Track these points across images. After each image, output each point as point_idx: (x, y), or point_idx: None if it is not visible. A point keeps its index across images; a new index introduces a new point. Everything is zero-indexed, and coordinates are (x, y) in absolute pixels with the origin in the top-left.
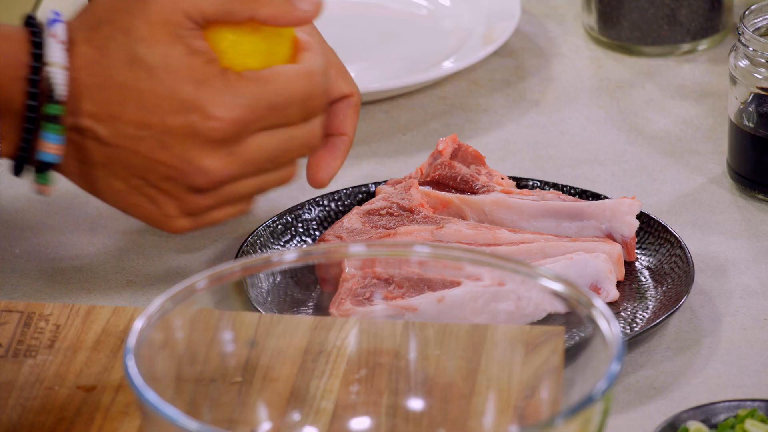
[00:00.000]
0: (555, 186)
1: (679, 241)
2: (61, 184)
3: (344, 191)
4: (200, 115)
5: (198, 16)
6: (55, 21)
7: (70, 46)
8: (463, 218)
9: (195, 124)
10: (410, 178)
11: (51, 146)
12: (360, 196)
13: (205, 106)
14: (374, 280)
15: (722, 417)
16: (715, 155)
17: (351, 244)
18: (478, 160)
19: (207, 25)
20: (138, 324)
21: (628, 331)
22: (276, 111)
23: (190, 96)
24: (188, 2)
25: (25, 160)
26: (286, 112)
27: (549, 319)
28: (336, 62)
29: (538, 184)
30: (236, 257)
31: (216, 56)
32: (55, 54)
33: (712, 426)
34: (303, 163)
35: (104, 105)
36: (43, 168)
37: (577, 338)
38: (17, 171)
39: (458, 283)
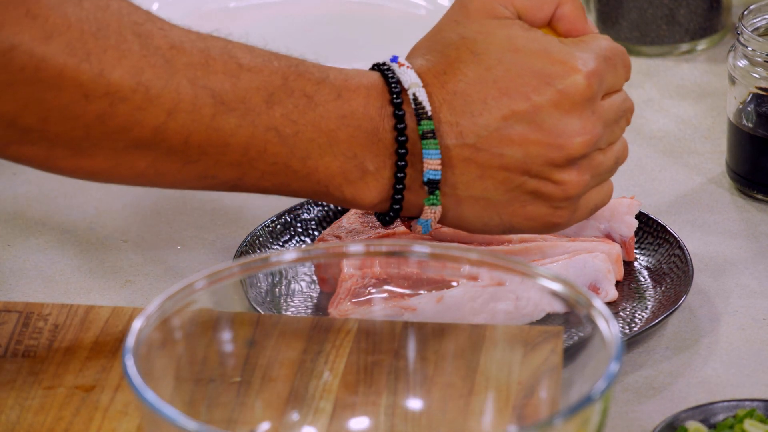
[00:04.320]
0: None
1: (678, 240)
2: (60, 183)
3: None
4: (562, 77)
5: (511, 9)
6: (395, 59)
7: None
8: None
9: (561, 89)
10: None
11: (433, 162)
12: None
13: (564, 67)
14: (373, 280)
15: (721, 417)
16: (714, 155)
17: (350, 244)
18: None
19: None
20: (137, 324)
21: (626, 330)
22: (611, 63)
23: (546, 64)
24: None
25: (400, 192)
26: (616, 66)
27: (548, 319)
28: None
29: None
30: (235, 257)
31: None
32: (410, 77)
33: (710, 426)
34: None
35: (464, 111)
36: (432, 189)
37: (575, 338)
38: (394, 209)
39: (457, 283)
